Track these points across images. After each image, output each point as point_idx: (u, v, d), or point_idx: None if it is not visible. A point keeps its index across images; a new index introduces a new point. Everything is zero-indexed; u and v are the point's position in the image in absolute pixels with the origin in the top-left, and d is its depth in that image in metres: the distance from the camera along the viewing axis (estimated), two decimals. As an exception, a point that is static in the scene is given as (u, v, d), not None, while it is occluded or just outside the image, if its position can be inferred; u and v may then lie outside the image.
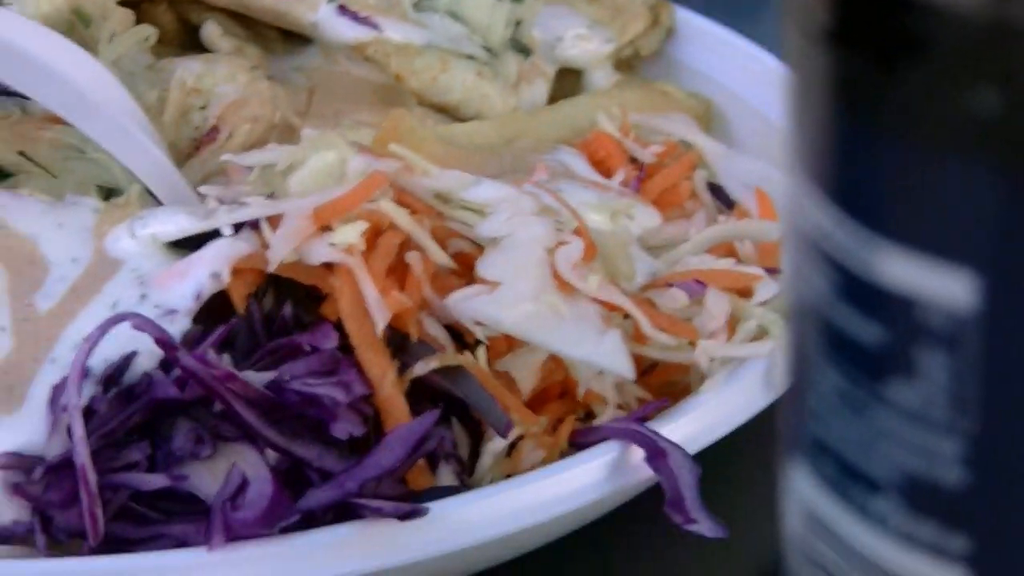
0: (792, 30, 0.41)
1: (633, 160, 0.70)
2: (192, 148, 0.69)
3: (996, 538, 0.41)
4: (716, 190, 0.71)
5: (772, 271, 0.67)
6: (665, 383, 0.65)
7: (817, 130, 0.41)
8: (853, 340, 0.41)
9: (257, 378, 0.61)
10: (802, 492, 0.43)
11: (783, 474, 0.44)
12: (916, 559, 0.41)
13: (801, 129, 0.41)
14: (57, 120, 0.67)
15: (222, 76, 0.70)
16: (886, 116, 0.39)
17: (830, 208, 0.41)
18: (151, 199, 0.67)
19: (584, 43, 0.75)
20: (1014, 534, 0.40)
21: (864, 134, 0.40)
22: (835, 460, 0.42)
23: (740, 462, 0.64)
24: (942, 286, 0.39)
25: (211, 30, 0.73)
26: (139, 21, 0.72)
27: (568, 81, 0.75)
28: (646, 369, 0.64)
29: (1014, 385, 0.39)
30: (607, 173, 0.70)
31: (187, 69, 0.70)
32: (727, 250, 0.68)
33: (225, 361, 0.61)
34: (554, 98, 0.75)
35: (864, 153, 0.40)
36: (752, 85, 0.76)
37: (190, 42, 0.75)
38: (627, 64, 0.76)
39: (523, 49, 0.73)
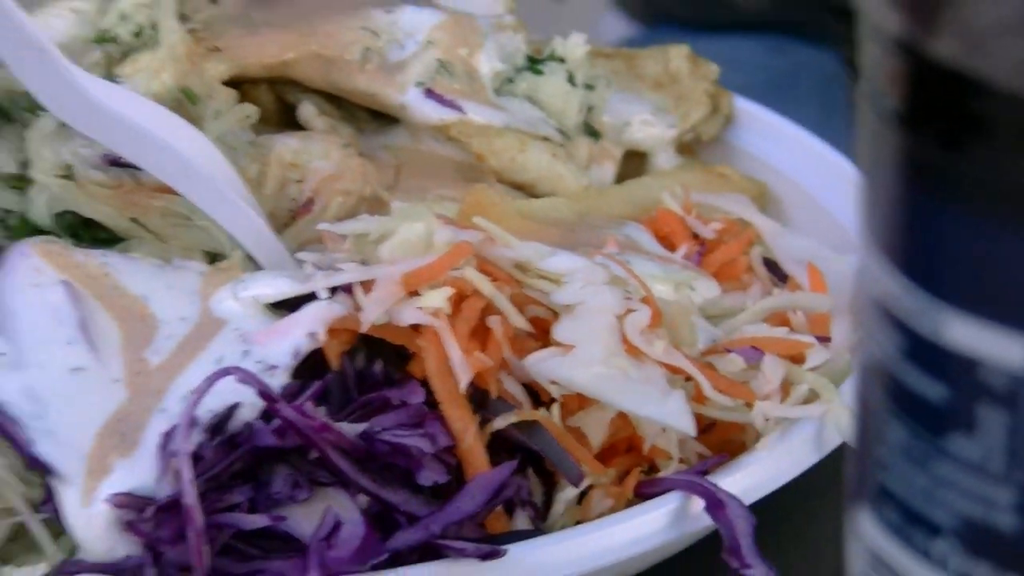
0: (866, 111, 0.42)
1: (695, 236, 0.71)
2: (289, 218, 0.70)
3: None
4: (771, 265, 0.71)
5: (823, 339, 0.68)
6: (724, 440, 0.65)
7: (888, 204, 0.42)
8: (918, 397, 0.41)
9: (350, 429, 0.62)
10: (867, 536, 0.44)
11: (848, 520, 0.45)
12: (975, 595, 0.42)
13: (872, 203, 0.42)
14: (166, 189, 0.67)
15: (317, 152, 0.71)
16: (953, 191, 0.40)
17: (899, 276, 0.41)
18: (252, 264, 0.67)
19: (649, 128, 0.75)
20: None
21: (932, 208, 0.41)
22: (899, 507, 0.43)
23: (790, 514, 0.64)
24: (1002, 349, 0.40)
25: (307, 110, 0.74)
26: (241, 100, 0.73)
27: (634, 162, 0.76)
28: (706, 427, 0.65)
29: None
30: (671, 247, 0.71)
31: (285, 145, 0.71)
32: (781, 320, 0.68)
33: (321, 413, 0.62)
34: (621, 178, 0.76)
35: (932, 226, 0.41)
36: (804, 170, 0.77)
37: (287, 120, 0.75)
38: (688, 147, 0.77)
39: (593, 132, 0.74)
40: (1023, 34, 0.39)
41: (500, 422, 0.63)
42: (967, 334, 0.40)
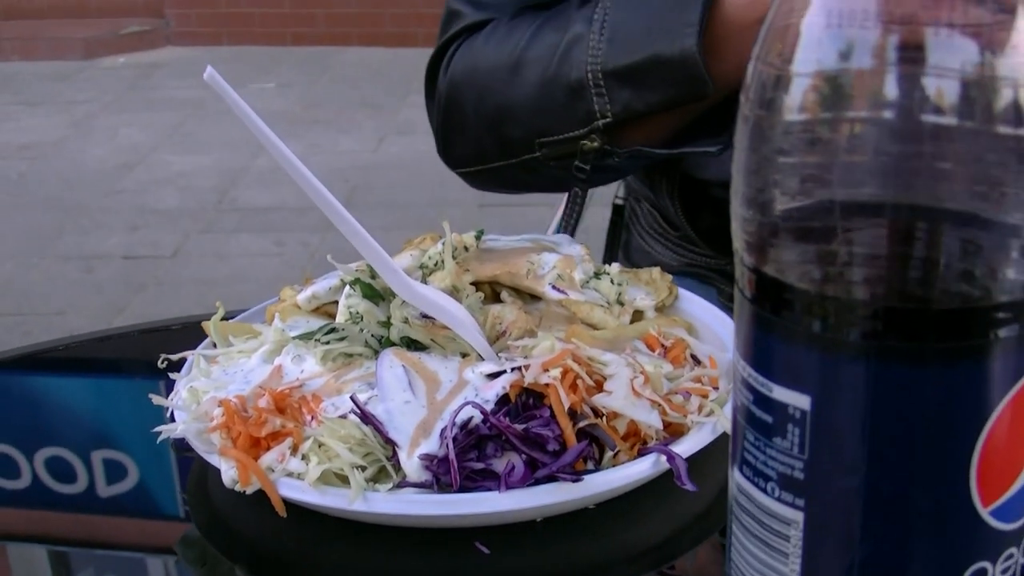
0: (738, 295, 0.37)
1: (662, 345, 0.67)
2: (495, 338, 0.67)
3: (816, 500, 0.36)
4: (694, 357, 0.67)
5: (715, 388, 0.64)
6: (674, 431, 0.61)
7: (745, 334, 0.37)
8: (759, 419, 0.37)
9: (519, 426, 0.58)
10: (736, 479, 0.39)
11: (729, 470, 0.40)
12: (784, 508, 0.37)
13: (739, 333, 0.38)
14: (446, 328, 0.64)
15: (508, 311, 0.68)
16: (773, 330, 0.36)
17: (748, 366, 0.37)
18: (480, 358, 0.64)
19: (644, 300, 0.73)
20: (821, 499, 0.36)
21: (764, 337, 0.36)
22: (751, 467, 0.38)
23: (703, 464, 0.60)
24: (796, 399, 0.35)
25: (504, 294, 0.71)
26: (476, 292, 0.70)
27: (637, 316, 0.72)
28: (666, 425, 0.60)
29: (823, 439, 0.35)
30: (652, 350, 0.67)
31: (494, 309, 0.69)
32: (699, 380, 0.64)
33: (507, 420, 0.58)
34: (632, 321, 0.72)
35: (763, 345, 0.36)
36: (705, 317, 0.74)
37: (496, 299, 0.72)
38: (660, 308, 0.73)
39: (621, 303, 0.71)
40: (800, 267, 0.34)
41: (581, 423, 0.59)
42: (781, 392, 0.36)
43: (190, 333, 0.73)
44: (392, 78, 5.00)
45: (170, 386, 0.67)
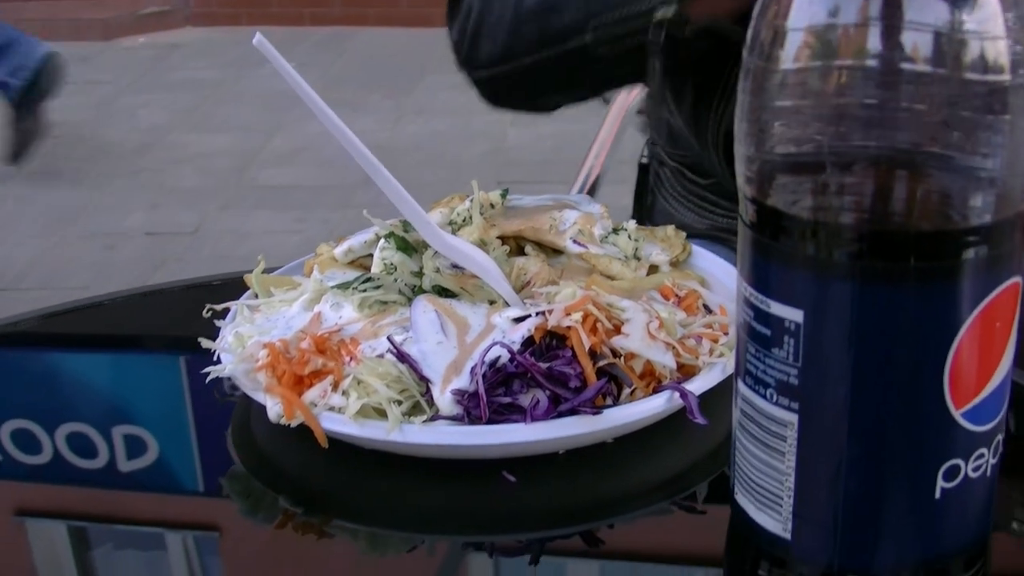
0: (742, 226, 0.42)
1: (676, 295, 0.71)
2: (520, 288, 0.71)
3: (808, 403, 0.41)
4: (706, 306, 0.71)
5: (725, 333, 0.67)
6: (688, 372, 0.65)
7: (747, 258, 0.42)
8: (759, 333, 0.41)
9: (543, 365, 0.62)
10: (740, 389, 0.44)
11: (734, 382, 0.45)
12: (781, 411, 0.42)
13: (741, 259, 0.42)
14: (475, 276, 0.68)
15: (532, 263, 0.72)
16: (772, 253, 0.40)
17: (749, 287, 0.42)
18: (506, 304, 0.68)
19: (659, 256, 0.76)
20: (813, 403, 0.41)
21: (763, 260, 0.41)
22: (753, 377, 0.43)
23: (713, 400, 0.64)
24: (791, 313, 0.40)
25: (528, 248, 0.75)
26: (502, 245, 0.74)
27: (653, 270, 0.76)
28: (680, 366, 0.64)
29: (814, 349, 0.40)
30: (667, 299, 0.71)
31: (518, 261, 0.73)
32: (710, 326, 0.68)
33: (532, 359, 0.62)
34: (649, 275, 0.76)
35: (763, 267, 0.41)
36: (716, 270, 0.78)
37: (521, 252, 0.76)
38: (674, 263, 0.77)
39: (638, 257, 0.75)
40: (800, 198, 0.39)
41: (601, 363, 0.63)
42: (778, 308, 0.40)
43: (232, 288, 0.78)
44: (409, 59, 5.03)
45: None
